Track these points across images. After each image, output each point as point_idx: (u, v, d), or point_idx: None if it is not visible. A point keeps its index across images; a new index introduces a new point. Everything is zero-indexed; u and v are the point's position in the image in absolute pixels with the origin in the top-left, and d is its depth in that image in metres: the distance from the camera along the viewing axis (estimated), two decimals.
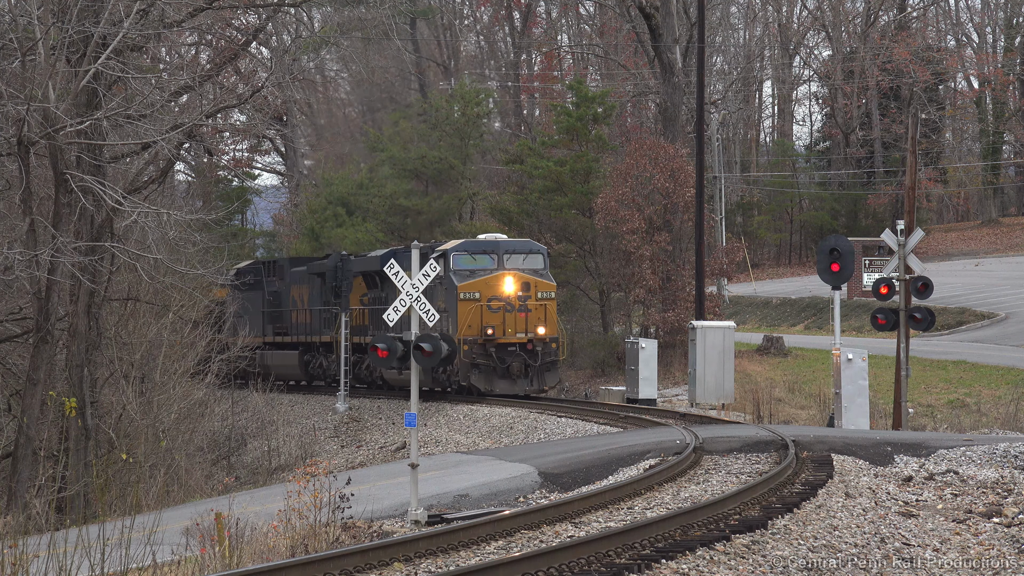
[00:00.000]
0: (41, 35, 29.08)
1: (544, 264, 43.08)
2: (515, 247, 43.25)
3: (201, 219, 35.36)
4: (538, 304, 42.14)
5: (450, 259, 42.39)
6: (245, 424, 46.67)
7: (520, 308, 41.92)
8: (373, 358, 21.57)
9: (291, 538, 18.81)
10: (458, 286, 41.84)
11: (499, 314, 41.80)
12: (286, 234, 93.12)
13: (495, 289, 41.95)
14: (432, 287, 41.40)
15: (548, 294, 42.43)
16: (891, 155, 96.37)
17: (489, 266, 42.44)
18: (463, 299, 41.71)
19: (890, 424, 37.91)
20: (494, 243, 43.12)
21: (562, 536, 18.35)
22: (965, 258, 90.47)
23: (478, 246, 43.06)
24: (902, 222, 36.02)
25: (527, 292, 42.06)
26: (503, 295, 41.92)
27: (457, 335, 41.10)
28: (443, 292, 42.36)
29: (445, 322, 42.09)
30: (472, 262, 42.49)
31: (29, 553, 15.93)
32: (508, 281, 42.02)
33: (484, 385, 41.90)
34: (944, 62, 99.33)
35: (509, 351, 41.93)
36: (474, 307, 41.67)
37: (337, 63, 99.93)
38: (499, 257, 42.51)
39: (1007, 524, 20.47)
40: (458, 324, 41.61)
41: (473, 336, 41.68)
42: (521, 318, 41.91)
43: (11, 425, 31.51)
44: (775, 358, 55.75)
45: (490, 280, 42.04)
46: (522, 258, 42.74)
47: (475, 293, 41.84)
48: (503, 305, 41.86)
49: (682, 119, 62.54)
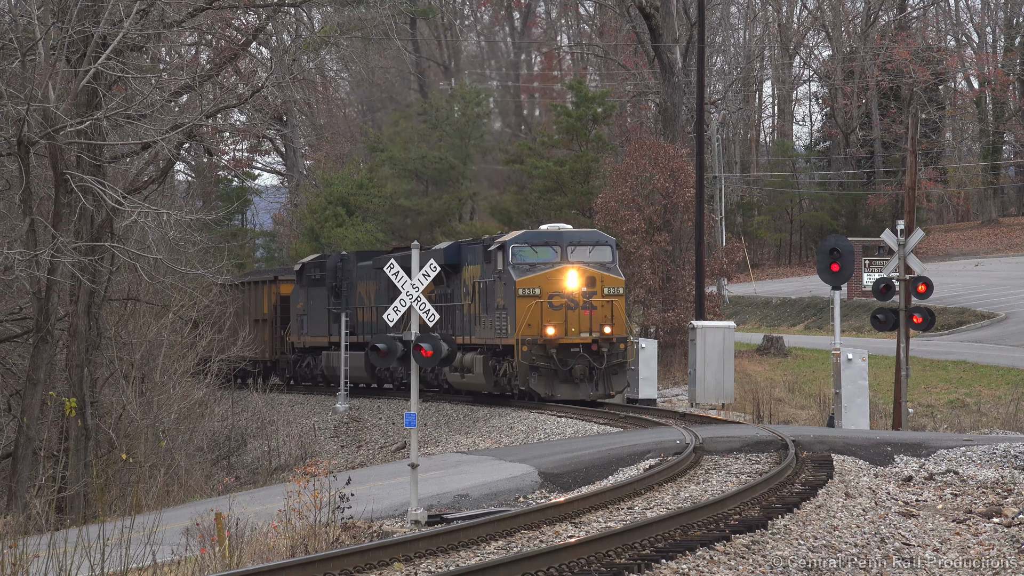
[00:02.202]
0: (41, 35, 29.10)
1: (612, 257, 39.79)
2: (580, 238, 40.01)
3: (201, 219, 35.39)
4: (604, 301, 38.87)
5: (509, 251, 39.30)
6: (245, 424, 46.67)
7: (584, 305, 38.75)
8: (374, 358, 21.56)
9: (291, 538, 18.81)
10: (516, 281, 38.80)
11: (561, 312, 38.73)
12: (286, 234, 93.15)
13: (557, 284, 38.86)
14: (491, 282, 40.06)
15: (616, 289, 39.16)
16: (891, 155, 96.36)
17: (551, 259, 39.26)
18: (522, 295, 38.69)
19: (890, 424, 37.91)
20: (557, 234, 39.92)
21: (562, 536, 18.35)
22: (965, 258, 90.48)
23: (539, 237, 39.88)
24: (902, 222, 36.02)
25: (592, 287, 38.87)
26: (565, 291, 38.83)
27: (515, 335, 38.53)
28: (501, 288, 39.64)
29: (503, 320, 39.51)
30: (533, 255, 39.34)
31: (29, 553, 15.94)
32: (571, 275, 38.93)
33: (544, 390, 38.67)
34: (944, 62, 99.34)
35: (572, 352, 38.74)
36: (534, 304, 38.61)
37: (337, 63, 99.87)
38: (562, 249, 39.27)
39: (1007, 524, 20.48)
40: (516, 323, 38.67)
41: (532, 336, 38.63)
42: (585, 316, 38.75)
43: (11, 425, 31.52)
44: (775, 358, 55.77)
45: (551, 274, 38.92)
46: (588, 250, 39.48)
47: (535, 289, 38.81)
48: (565, 302, 38.75)
49: (682, 119, 62.54)
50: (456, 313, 42.70)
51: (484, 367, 40.41)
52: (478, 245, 41.95)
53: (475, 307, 41.40)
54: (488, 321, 40.43)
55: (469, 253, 42.34)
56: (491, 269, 40.15)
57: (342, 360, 48.78)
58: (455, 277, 43.02)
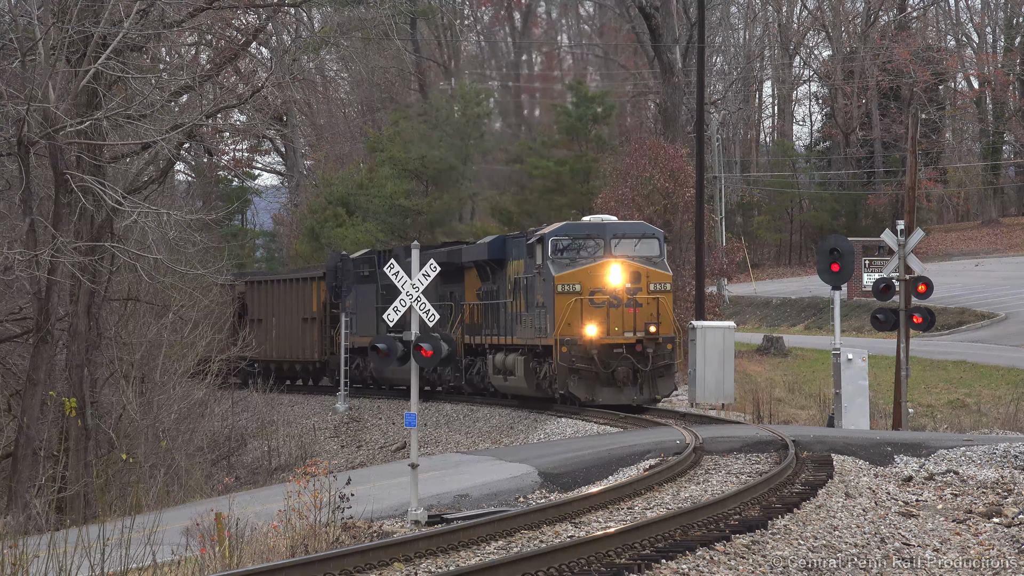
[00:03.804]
0: (41, 35, 29.10)
1: (660, 250, 37.39)
2: (625, 230, 37.53)
3: (201, 219, 35.35)
4: (650, 298, 36.38)
5: (548, 244, 36.85)
6: (245, 424, 46.67)
7: (628, 303, 36.23)
8: (374, 358, 21.55)
9: (291, 538, 18.81)
10: (555, 277, 36.30)
11: (603, 309, 36.16)
12: (286, 234, 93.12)
13: (599, 280, 36.33)
14: (530, 278, 37.77)
15: (662, 286, 36.80)
16: (891, 155, 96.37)
17: (594, 253, 36.74)
18: (561, 292, 36.21)
19: (890, 424, 37.90)
20: (600, 226, 37.47)
21: (562, 536, 18.36)
22: (965, 258, 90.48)
23: (581, 229, 37.36)
24: (902, 222, 36.01)
25: (637, 283, 36.38)
26: (608, 287, 36.28)
27: (554, 334, 36.18)
28: (541, 284, 37.25)
29: (543, 319, 37.07)
30: (574, 248, 36.89)
31: (29, 553, 15.95)
32: (614, 270, 36.36)
33: (584, 394, 36.25)
34: (944, 62, 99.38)
35: (615, 354, 36.20)
36: (573, 301, 36.10)
37: (337, 63, 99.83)
38: (606, 242, 36.75)
39: (1007, 524, 20.48)
40: (555, 321, 36.27)
41: (572, 336, 36.12)
42: (629, 314, 36.25)
43: (11, 425, 31.52)
44: (775, 358, 55.76)
45: (592, 269, 36.44)
46: (634, 243, 37.05)
47: (575, 285, 36.27)
48: (608, 299, 36.19)
49: (682, 119, 62.57)
50: (501, 311, 40.21)
51: (525, 369, 38.22)
52: (522, 238, 39.45)
53: (518, 305, 38.95)
54: (528, 320, 38.13)
55: (514, 247, 39.70)
56: (532, 264, 37.89)
57: (342, 360, 48.65)
58: (500, 273, 40.54)
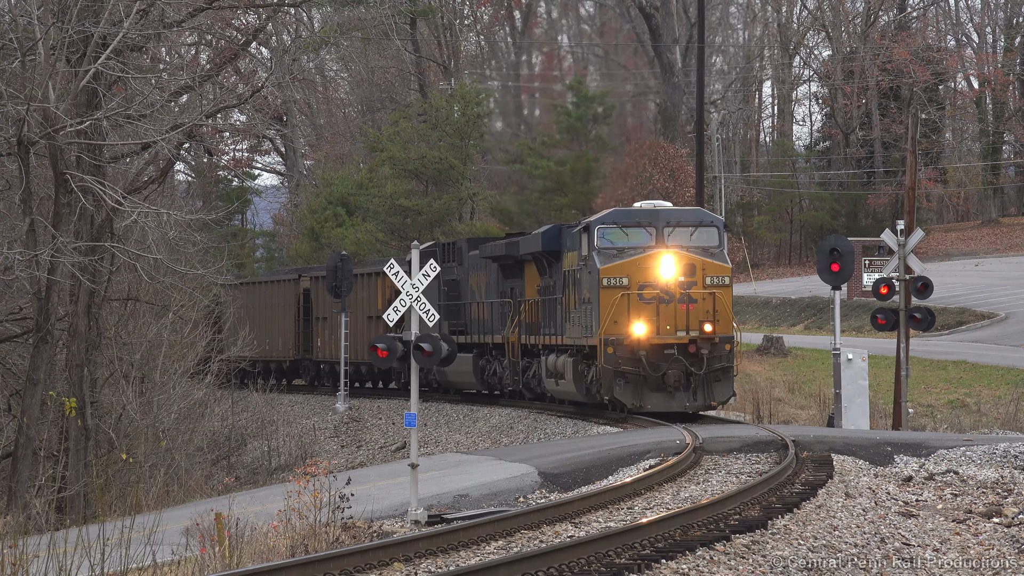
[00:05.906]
0: (41, 35, 29.11)
1: (719, 240, 33.68)
2: (680, 217, 33.82)
3: (201, 219, 35.39)
4: (706, 293, 32.71)
5: (594, 234, 33.33)
6: (245, 424, 46.69)
7: (681, 298, 32.64)
8: (373, 358, 21.55)
9: (291, 538, 18.82)
10: (600, 269, 32.83)
11: (652, 306, 32.60)
12: (286, 234, 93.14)
13: (648, 273, 32.75)
14: (578, 270, 34.27)
15: (720, 279, 33.07)
16: (891, 155, 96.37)
17: (644, 242, 33.14)
18: (606, 286, 32.74)
19: (890, 424, 37.92)
20: (652, 212, 33.75)
21: (562, 536, 18.36)
22: (965, 258, 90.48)
23: (631, 217, 33.68)
24: (902, 222, 36.03)
25: (692, 277, 32.76)
26: (659, 281, 32.67)
27: (599, 333, 32.69)
28: (587, 277, 33.66)
29: (589, 316, 33.56)
30: (623, 238, 33.29)
31: (29, 553, 15.95)
32: (666, 262, 32.74)
33: (631, 400, 32.58)
34: (944, 62, 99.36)
35: (665, 355, 32.57)
36: (620, 297, 32.55)
37: (337, 63, 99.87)
38: (658, 231, 33.12)
39: (1007, 524, 20.48)
40: (600, 319, 32.79)
41: (618, 335, 32.54)
42: (682, 311, 32.64)
43: (11, 425, 31.53)
44: (775, 358, 55.76)
45: (641, 261, 32.81)
46: (690, 232, 33.35)
47: (622, 278, 32.77)
48: (658, 294, 32.65)
49: (682, 119, 62.60)
50: (557, 309, 36.36)
51: (574, 372, 34.53)
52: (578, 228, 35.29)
53: (569, 300, 35.33)
54: (576, 317, 34.65)
55: (568, 238, 35.94)
56: (580, 256, 34.39)
57: (342, 360, 48.66)
58: (556, 266, 36.83)
